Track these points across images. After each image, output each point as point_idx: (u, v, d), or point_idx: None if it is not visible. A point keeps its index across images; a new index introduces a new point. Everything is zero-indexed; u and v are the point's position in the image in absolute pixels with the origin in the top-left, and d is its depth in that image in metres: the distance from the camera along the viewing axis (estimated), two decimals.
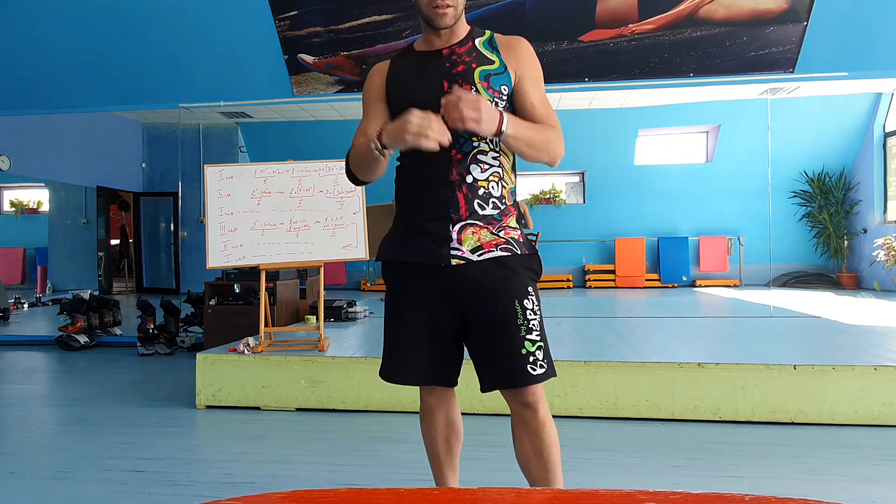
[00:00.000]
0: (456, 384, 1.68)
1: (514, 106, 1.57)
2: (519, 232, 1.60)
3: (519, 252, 1.56)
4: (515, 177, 1.65)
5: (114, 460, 2.64)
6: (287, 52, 4.96)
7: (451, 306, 1.56)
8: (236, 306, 4.83)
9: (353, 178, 1.62)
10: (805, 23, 4.43)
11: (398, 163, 1.63)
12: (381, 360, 1.67)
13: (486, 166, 1.54)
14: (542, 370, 1.51)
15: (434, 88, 1.51)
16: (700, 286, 10.17)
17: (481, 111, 1.35)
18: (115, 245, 11.79)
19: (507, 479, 1.62)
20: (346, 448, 2.79)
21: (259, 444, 2.88)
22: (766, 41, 4.52)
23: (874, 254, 8.83)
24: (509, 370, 1.50)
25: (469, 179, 1.52)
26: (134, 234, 11.14)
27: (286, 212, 3.82)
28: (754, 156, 9.16)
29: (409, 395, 3.25)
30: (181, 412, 3.41)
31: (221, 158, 10.01)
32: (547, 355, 1.54)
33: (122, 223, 11.62)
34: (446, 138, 1.36)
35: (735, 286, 9.97)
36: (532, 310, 1.53)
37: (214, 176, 3.84)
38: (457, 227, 1.52)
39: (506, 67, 1.54)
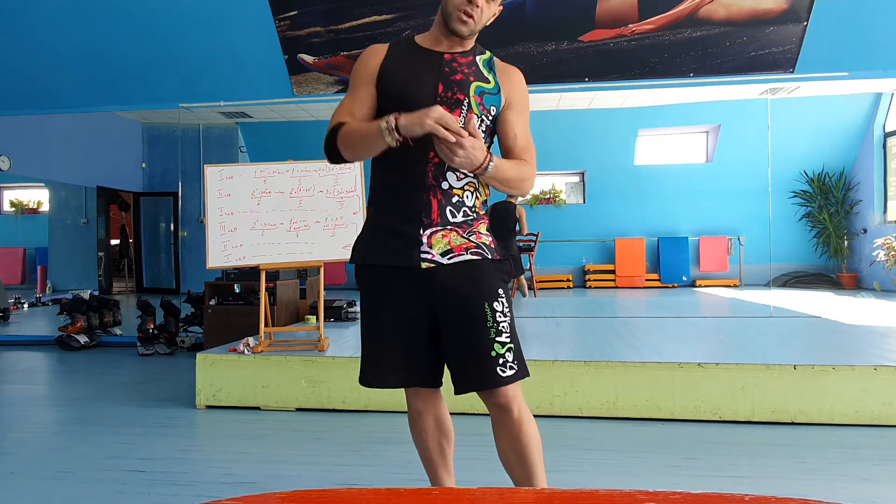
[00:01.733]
0: (440, 385, 1.68)
1: (497, 130, 1.61)
2: (490, 239, 1.61)
3: (489, 257, 1.57)
4: (489, 191, 1.66)
5: (114, 460, 2.64)
6: (287, 52, 4.96)
7: (425, 308, 1.56)
8: (236, 306, 4.83)
9: (337, 157, 1.57)
10: (805, 23, 4.43)
11: (374, 166, 1.63)
12: (360, 370, 1.65)
13: (463, 175, 1.55)
14: (513, 371, 1.51)
15: (428, 88, 1.53)
16: (700, 286, 10.17)
17: (468, 150, 1.39)
18: (115, 245, 11.79)
19: (507, 479, 1.62)
20: (346, 448, 2.79)
21: (259, 444, 2.88)
22: (766, 41, 4.52)
23: (874, 254, 8.82)
24: (479, 372, 1.50)
25: (444, 186, 1.53)
26: (134, 234, 11.13)
27: (286, 212, 3.82)
28: (754, 156, 9.15)
29: None
30: (181, 412, 3.41)
31: (221, 158, 10.01)
32: (518, 356, 1.54)
33: (122, 223, 11.62)
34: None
35: (735, 286, 9.96)
36: (502, 312, 1.53)
37: (214, 176, 3.84)
38: (427, 232, 1.53)
39: (499, 90, 1.58)
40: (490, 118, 1.58)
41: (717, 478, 2.40)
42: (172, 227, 10.64)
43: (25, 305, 8.85)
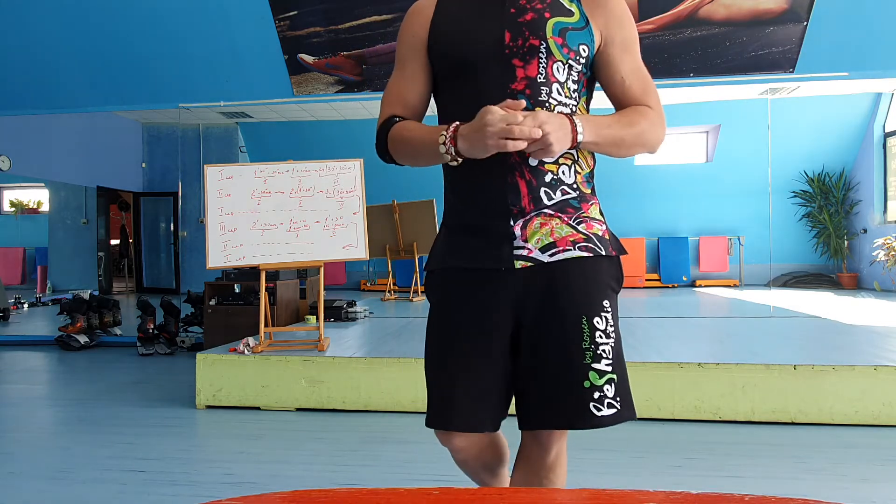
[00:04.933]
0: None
1: (600, 77, 1.27)
2: (604, 227, 1.28)
3: (603, 253, 1.23)
4: (594, 160, 1.30)
5: (114, 460, 2.64)
6: (287, 52, 4.96)
7: (511, 323, 1.22)
8: (236, 306, 4.83)
9: (388, 159, 1.30)
10: (805, 23, 4.43)
11: None
12: (428, 409, 1.28)
13: None
14: (612, 411, 1.16)
15: (491, 42, 1.18)
16: (700, 286, 10.17)
17: (547, 139, 1.05)
18: (115, 245, 11.79)
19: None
20: (346, 448, 2.79)
21: (259, 444, 2.88)
22: (766, 41, 4.52)
23: (874, 254, 8.82)
24: (565, 407, 1.17)
25: (533, 161, 1.18)
26: (134, 234, 11.14)
27: (286, 212, 3.82)
28: (754, 156, 9.15)
29: (408, 396, 3.25)
30: (181, 412, 3.41)
31: (221, 158, 10.01)
32: (622, 390, 1.19)
33: (122, 223, 11.62)
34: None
35: (735, 286, 9.96)
36: (604, 332, 1.19)
37: (214, 176, 3.84)
38: (520, 222, 1.19)
39: (587, 22, 1.21)
40: (582, 62, 1.21)
41: (717, 478, 2.40)
42: (172, 227, 10.64)
43: (25, 305, 8.86)
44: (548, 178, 1.20)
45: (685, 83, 4.88)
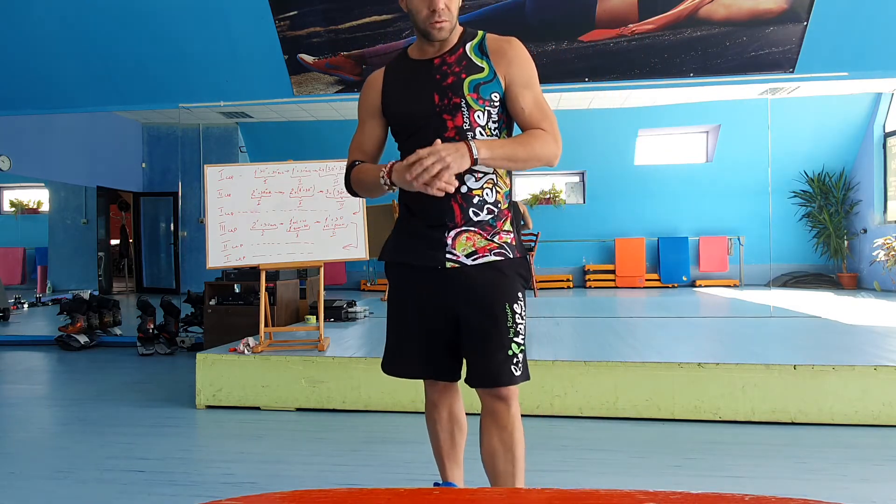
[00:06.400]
0: (457, 379, 1.76)
1: (508, 108, 1.60)
2: (512, 235, 1.64)
3: (511, 256, 1.61)
4: (511, 180, 1.68)
5: (114, 460, 2.64)
6: (287, 52, 4.96)
7: (446, 307, 1.63)
8: (236, 306, 4.83)
9: (353, 193, 1.70)
10: (805, 23, 4.43)
11: None
12: (382, 357, 1.77)
13: (480, 174, 1.58)
14: (519, 373, 1.60)
15: (426, 102, 1.56)
16: (700, 286, 10.17)
17: (444, 160, 1.39)
18: (115, 245, 11.79)
19: None
20: (346, 448, 2.79)
21: (259, 444, 2.88)
22: (766, 41, 4.52)
23: (874, 254, 8.82)
24: (495, 369, 1.58)
25: (463, 190, 1.56)
26: (134, 234, 11.14)
27: (286, 212, 3.82)
28: (754, 156, 9.15)
29: (408, 396, 3.25)
30: (181, 412, 3.41)
31: (221, 158, 10.01)
32: (525, 359, 1.62)
33: (122, 223, 11.62)
34: (452, 186, 1.44)
35: (735, 286, 9.96)
36: (520, 314, 1.61)
37: (214, 176, 3.84)
38: (451, 234, 1.58)
39: (495, 74, 1.55)
40: (497, 106, 1.57)
41: (717, 478, 2.40)
42: (172, 227, 10.64)
43: (25, 305, 8.85)
44: (475, 200, 1.58)
45: (685, 83, 4.88)
